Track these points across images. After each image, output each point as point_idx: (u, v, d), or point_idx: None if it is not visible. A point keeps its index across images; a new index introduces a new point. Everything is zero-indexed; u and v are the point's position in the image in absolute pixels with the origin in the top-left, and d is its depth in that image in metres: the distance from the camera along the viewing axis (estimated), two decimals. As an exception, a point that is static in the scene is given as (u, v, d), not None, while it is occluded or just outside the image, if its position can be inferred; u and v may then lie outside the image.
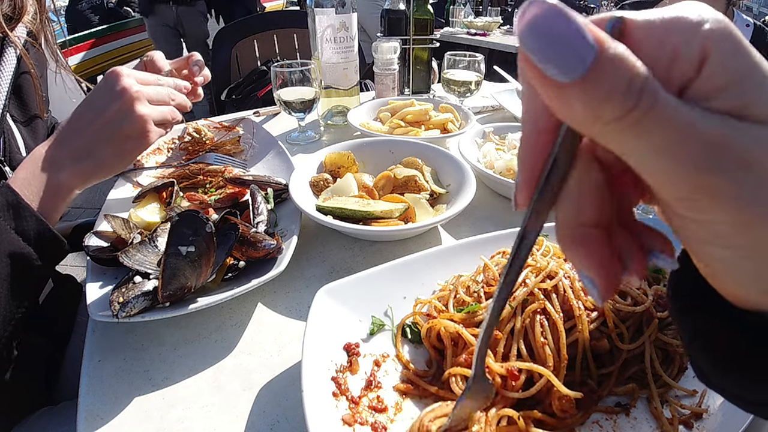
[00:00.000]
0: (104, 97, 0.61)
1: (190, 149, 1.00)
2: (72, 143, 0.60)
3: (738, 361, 0.21)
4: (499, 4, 5.62)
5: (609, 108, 0.16)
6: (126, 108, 0.60)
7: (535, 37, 0.16)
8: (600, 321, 0.48)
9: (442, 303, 0.55)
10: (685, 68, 0.17)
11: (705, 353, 0.22)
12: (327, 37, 1.10)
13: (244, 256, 0.63)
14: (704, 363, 0.23)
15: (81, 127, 0.61)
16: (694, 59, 0.17)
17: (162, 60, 0.77)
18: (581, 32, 0.15)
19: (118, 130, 0.61)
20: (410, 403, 0.48)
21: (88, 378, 0.53)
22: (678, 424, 0.45)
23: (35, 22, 0.68)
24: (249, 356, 0.56)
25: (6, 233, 0.52)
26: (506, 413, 0.43)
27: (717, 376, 0.22)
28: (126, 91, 0.60)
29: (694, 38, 0.17)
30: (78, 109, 0.62)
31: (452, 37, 3.87)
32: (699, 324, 0.23)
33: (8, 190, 0.54)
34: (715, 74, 0.17)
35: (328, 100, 1.22)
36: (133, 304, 0.53)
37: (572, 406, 0.43)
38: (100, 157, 0.62)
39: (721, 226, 0.18)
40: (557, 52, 0.16)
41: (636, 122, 0.16)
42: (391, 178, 0.82)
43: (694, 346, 0.23)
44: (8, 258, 0.51)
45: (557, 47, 0.15)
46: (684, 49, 0.17)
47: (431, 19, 1.31)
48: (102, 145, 0.61)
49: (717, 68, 0.17)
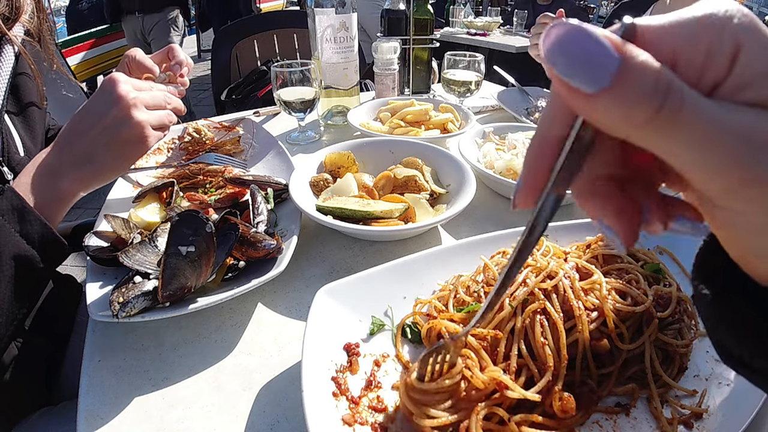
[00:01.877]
0: (102, 104, 0.62)
1: (190, 149, 1.00)
2: (72, 149, 0.61)
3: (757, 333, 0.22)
4: (499, 4, 5.62)
5: (638, 111, 0.17)
6: (123, 114, 0.61)
7: (561, 55, 0.17)
8: (600, 321, 0.48)
9: (442, 303, 0.55)
10: (719, 63, 0.18)
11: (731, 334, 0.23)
12: (327, 37, 1.10)
13: (244, 256, 0.63)
14: (731, 343, 0.23)
15: (80, 132, 0.62)
16: (727, 54, 0.18)
17: (145, 59, 0.78)
18: (603, 46, 0.16)
19: (116, 135, 0.62)
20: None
21: (88, 378, 0.53)
22: (678, 424, 0.45)
23: (32, 21, 0.68)
24: (249, 356, 0.56)
25: (11, 236, 0.53)
26: (497, 412, 0.43)
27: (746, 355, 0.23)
28: (123, 98, 0.61)
29: (725, 33, 0.18)
30: (77, 116, 0.63)
31: (452, 37, 3.87)
32: (726, 309, 0.23)
33: (13, 194, 0.55)
34: (747, 66, 0.18)
35: (328, 100, 1.22)
36: (133, 304, 0.53)
37: (572, 407, 0.43)
38: (100, 162, 0.62)
39: (758, 211, 0.18)
40: (583, 66, 0.17)
41: (667, 122, 0.17)
42: (391, 178, 0.82)
43: (721, 329, 0.24)
44: (12, 260, 0.52)
45: (583, 62, 0.17)
46: (716, 46, 0.18)
47: (431, 19, 1.31)
48: (102, 150, 0.62)
49: (750, 60, 0.18)
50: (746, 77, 0.18)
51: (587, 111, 0.18)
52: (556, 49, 0.17)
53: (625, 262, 0.56)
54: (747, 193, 0.18)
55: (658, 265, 0.55)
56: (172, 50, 0.81)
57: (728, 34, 0.18)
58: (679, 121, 0.17)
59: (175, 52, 0.81)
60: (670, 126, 0.17)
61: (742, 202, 0.18)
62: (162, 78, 0.77)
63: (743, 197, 0.18)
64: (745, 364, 0.23)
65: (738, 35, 0.18)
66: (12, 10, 0.65)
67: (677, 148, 0.18)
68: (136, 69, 0.78)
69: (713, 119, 0.17)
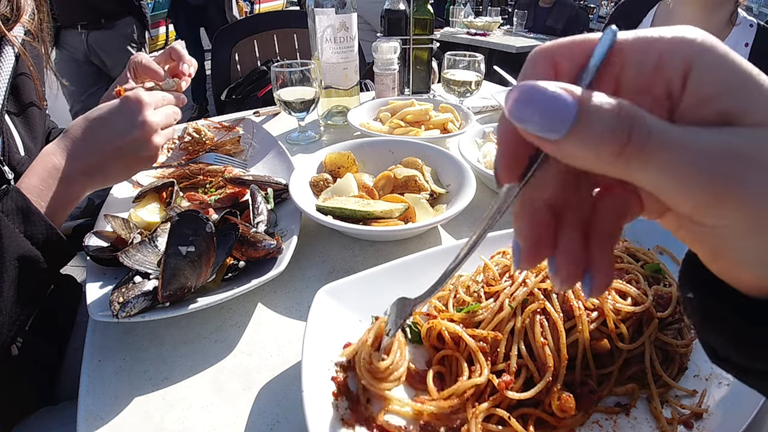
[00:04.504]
0: (125, 124, 0.65)
1: (190, 149, 1.00)
2: (86, 159, 0.63)
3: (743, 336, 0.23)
4: (499, 4, 5.62)
5: (604, 148, 0.18)
6: (145, 139, 0.67)
7: (521, 111, 0.19)
8: (600, 321, 0.48)
9: (442, 303, 0.55)
10: (669, 78, 0.20)
11: (715, 332, 0.25)
12: (327, 37, 1.10)
13: (244, 256, 0.63)
14: (714, 340, 0.25)
15: (97, 145, 0.64)
16: (678, 71, 0.19)
17: (151, 63, 0.79)
18: (558, 97, 0.18)
19: (133, 155, 0.67)
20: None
21: (88, 378, 0.53)
22: (678, 424, 0.45)
23: (32, 21, 0.68)
24: (249, 356, 0.56)
25: (15, 237, 0.53)
26: (497, 413, 0.43)
27: (724, 350, 0.24)
28: (147, 124, 0.66)
29: (677, 52, 0.19)
30: (94, 125, 0.65)
31: (452, 37, 3.87)
32: (709, 310, 0.25)
33: (18, 194, 0.55)
34: (700, 83, 0.19)
35: (328, 100, 1.22)
36: (133, 304, 0.53)
37: (572, 407, 0.43)
38: (110, 173, 0.67)
39: (739, 226, 0.19)
40: (543, 118, 0.18)
41: (636, 154, 0.18)
42: (391, 178, 0.82)
43: (705, 326, 0.25)
44: (17, 261, 0.52)
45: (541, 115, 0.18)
46: (668, 61, 0.19)
47: (431, 19, 1.31)
48: (115, 163, 0.66)
49: (702, 77, 0.19)
50: (702, 94, 0.19)
51: (559, 154, 0.19)
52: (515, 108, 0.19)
53: (625, 262, 0.56)
54: (721, 207, 0.19)
55: (658, 265, 0.55)
56: (175, 50, 0.82)
57: (680, 53, 0.19)
58: (648, 151, 0.18)
59: (179, 52, 0.82)
60: (640, 157, 0.18)
61: (717, 217, 0.19)
62: (170, 85, 0.78)
63: (717, 213, 0.19)
64: (732, 363, 0.24)
65: (690, 55, 0.19)
66: (13, 10, 0.65)
67: (650, 176, 0.19)
68: (143, 73, 0.79)
69: (680, 145, 0.18)
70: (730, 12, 1.29)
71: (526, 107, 0.19)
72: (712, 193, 0.18)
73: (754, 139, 0.18)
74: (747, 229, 0.19)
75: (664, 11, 1.42)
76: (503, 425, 0.43)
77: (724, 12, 1.29)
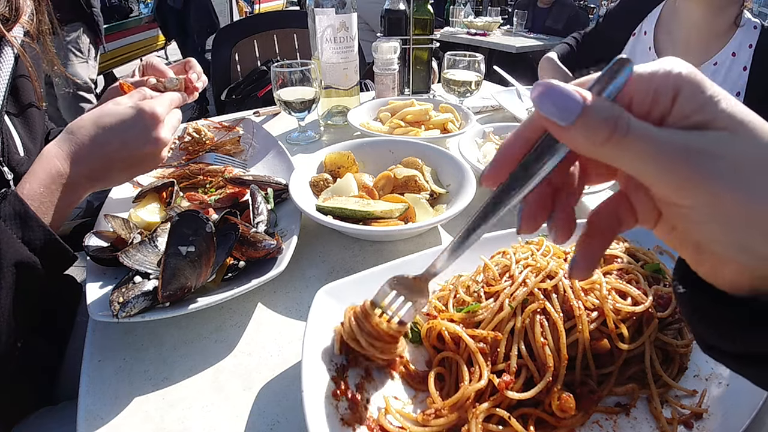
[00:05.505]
0: (138, 138, 0.65)
1: (190, 149, 1.00)
2: (92, 166, 0.63)
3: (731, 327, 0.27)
4: (500, 4, 5.62)
5: (596, 136, 0.24)
6: (156, 153, 0.68)
7: (544, 103, 0.25)
8: (600, 321, 0.48)
9: (442, 303, 0.55)
10: (663, 101, 0.26)
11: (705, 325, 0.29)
12: (327, 37, 1.10)
13: (244, 256, 0.63)
14: (706, 334, 0.29)
15: (105, 154, 0.64)
16: (669, 96, 0.26)
17: (160, 64, 0.83)
18: (571, 95, 0.25)
19: (141, 165, 0.69)
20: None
21: (88, 378, 0.53)
22: (678, 424, 0.45)
23: (32, 22, 0.68)
24: (249, 356, 0.56)
25: (12, 242, 0.52)
26: (497, 413, 0.43)
27: (712, 338, 0.29)
28: (161, 141, 0.67)
29: (668, 82, 0.26)
30: (105, 134, 0.64)
31: (452, 37, 3.87)
32: (697, 303, 0.30)
33: (16, 199, 0.54)
34: (684, 105, 0.25)
35: (328, 100, 1.22)
36: (133, 304, 0.53)
37: (572, 407, 0.43)
38: (114, 179, 0.68)
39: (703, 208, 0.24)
40: (558, 109, 0.25)
41: (618, 142, 0.24)
42: (391, 178, 0.82)
43: (695, 321, 0.30)
44: (14, 267, 0.51)
45: (557, 106, 0.25)
46: (662, 89, 0.26)
47: (431, 19, 1.31)
48: (119, 171, 0.67)
49: (686, 100, 0.25)
50: (685, 111, 0.25)
51: (565, 137, 0.26)
52: (539, 99, 0.25)
53: (625, 262, 0.56)
54: (688, 189, 0.24)
55: (658, 265, 0.55)
56: (190, 62, 0.86)
57: (670, 83, 0.25)
58: (627, 140, 0.24)
59: (193, 65, 0.86)
60: (621, 144, 0.24)
61: (685, 198, 0.25)
62: (175, 83, 0.79)
63: (685, 194, 0.24)
64: (720, 351, 0.28)
65: (678, 84, 0.25)
66: (12, 11, 0.64)
67: (630, 160, 0.25)
68: (151, 73, 0.82)
69: (654, 137, 0.24)
70: (735, 14, 1.28)
71: (548, 99, 0.25)
72: (679, 176, 0.24)
73: (714, 138, 0.24)
74: (709, 211, 0.24)
75: (669, 11, 1.40)
76: (503, 425, 0.43)
77: (729, 14, 1.28)
